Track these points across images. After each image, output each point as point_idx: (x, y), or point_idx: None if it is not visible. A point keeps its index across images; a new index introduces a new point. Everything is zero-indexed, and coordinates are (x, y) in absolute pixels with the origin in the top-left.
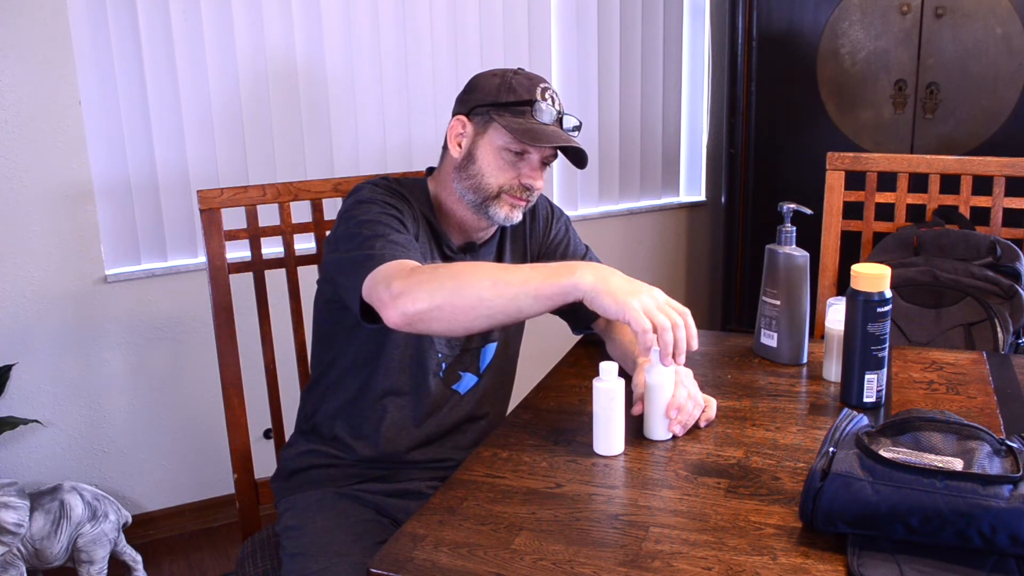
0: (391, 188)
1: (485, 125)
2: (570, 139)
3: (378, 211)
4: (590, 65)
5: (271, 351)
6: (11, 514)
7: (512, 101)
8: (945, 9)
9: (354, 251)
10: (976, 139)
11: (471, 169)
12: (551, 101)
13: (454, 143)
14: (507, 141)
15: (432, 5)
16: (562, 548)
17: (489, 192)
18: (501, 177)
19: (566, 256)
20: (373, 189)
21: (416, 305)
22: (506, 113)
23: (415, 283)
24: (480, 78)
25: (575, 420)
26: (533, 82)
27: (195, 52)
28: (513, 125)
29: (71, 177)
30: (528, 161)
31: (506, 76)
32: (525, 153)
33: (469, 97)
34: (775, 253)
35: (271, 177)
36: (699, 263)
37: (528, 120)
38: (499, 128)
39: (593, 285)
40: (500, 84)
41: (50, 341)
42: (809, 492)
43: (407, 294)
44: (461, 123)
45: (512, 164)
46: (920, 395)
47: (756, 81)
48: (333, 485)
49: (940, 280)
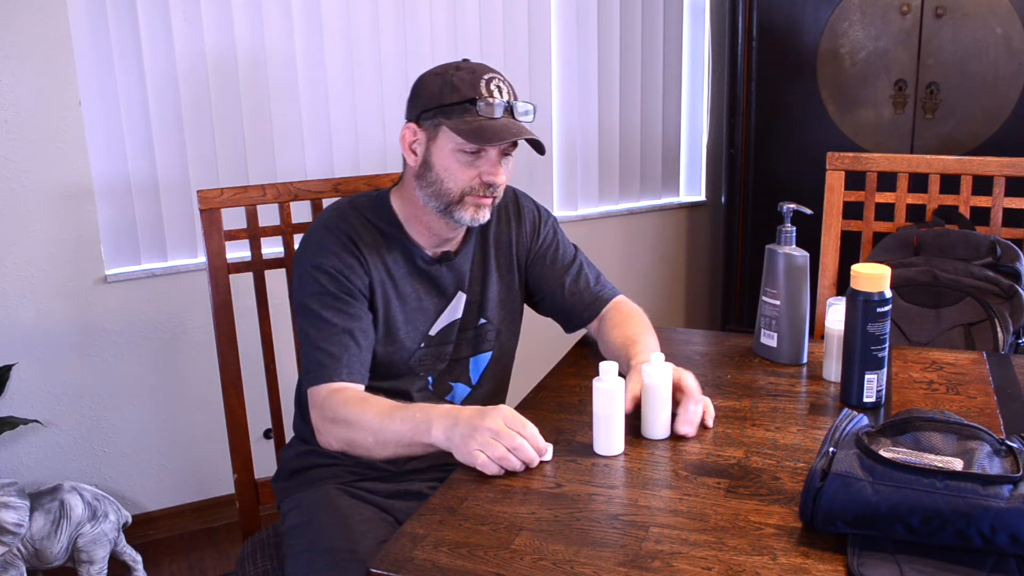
0: (343, 236)
1: (435, 130)
2: (521, 131)
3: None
4: (590, 65)
5: (271, 351)
6: (11, 514)
7: (456, 101)
8: (945, 9)
9: (301, 345)
10: (976, 139)
11: (429, 176)
12: (498, 92)
13: (408, 151)
14: (459, 143)
15: (432, 5)
16: (562, 548)
17: (451, 197)
18: (461, 180)
19: (555, 260)
20: (323, 246)
21: (329, 447)
22: (453, 115)
23: (326, 425)
24: (423, 80)
25: (575, 420)
26: (476, 75)
27: (195, 52)
28: (461, 126)
29: (71, 177)
30: (486, 158)
31: (447, 74)
32: (481, 151)
33: (415, 102)
34: (775, 253)
35: (271, 177)
36: (699, 263)
37: (475, 118)
38: (448, 132)
39: (444, 441)
40: (443, 84)
41: (50, 341)
42: (809, 492)
43: (321, 433)
44: (411, 130)
45: (470, 164)
46: (920, 395)
47: (756, 81)
48: (335, 483)
49: (940, 280)
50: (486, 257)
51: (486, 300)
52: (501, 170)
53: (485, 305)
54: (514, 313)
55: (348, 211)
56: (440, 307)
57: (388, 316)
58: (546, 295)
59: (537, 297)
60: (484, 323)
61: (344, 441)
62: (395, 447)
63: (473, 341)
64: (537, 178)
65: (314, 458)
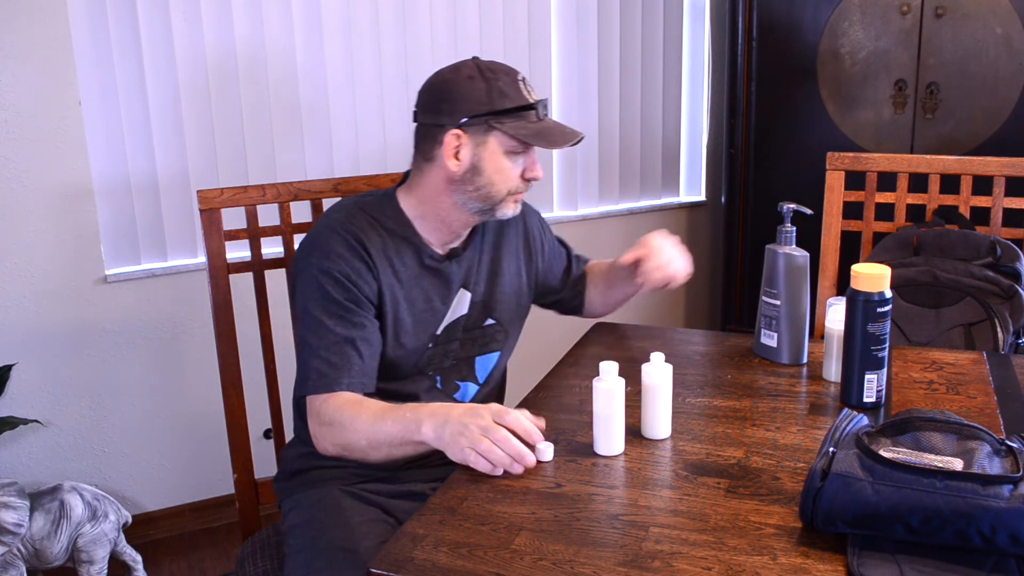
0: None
1: (485, 134)
2: (575, 132)
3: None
4: (590, 65)
5: (271, 351)
6: (11, 514)
7: (509, 107)
8: (945, 9)
9: (298, 351)
10: (976, 139)
11: (478, 180)
12: (532, 92)
13: (450, 157)
14: (513, 146)
15: (432, 5)
16: (562, 548)
17: (498, 197)
18: (511, 181)
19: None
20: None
21: (327, 453)
22: (507, 119)
23: (322, 432)
24: (456, 84)
25: (575, 420)
26: (512, 78)
27: (195, 52)
28: (522, 132)
29: (71, 177)
30: (528, 157)
31: (487, 78)
32: (526, 151)
33: (453, 107)
34: (775, 253)
35: (271, 177)
36: (699, 263)
37: (533, 122)
38: (503, 136)
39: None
40: (488, 89)
41: (50, 341)
42: (809, 492)
43: (318, 440)
44: (456, 136)
45: (516, 164)
46: (920, 395)
47: (756, 81)
48: (337, 483)
49: (940, 280)
50: (497, 256)
51: (494, 300)
52: (539, 166)
53: (493, 306)
54: (522, 313)
55: (355, 212)
56: (447, 305)
57: (396, 319)
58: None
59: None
60: (491, 323)
61: (340, 445)
62: (388, 448)
63: (480, 341)
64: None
65: (315, 459)
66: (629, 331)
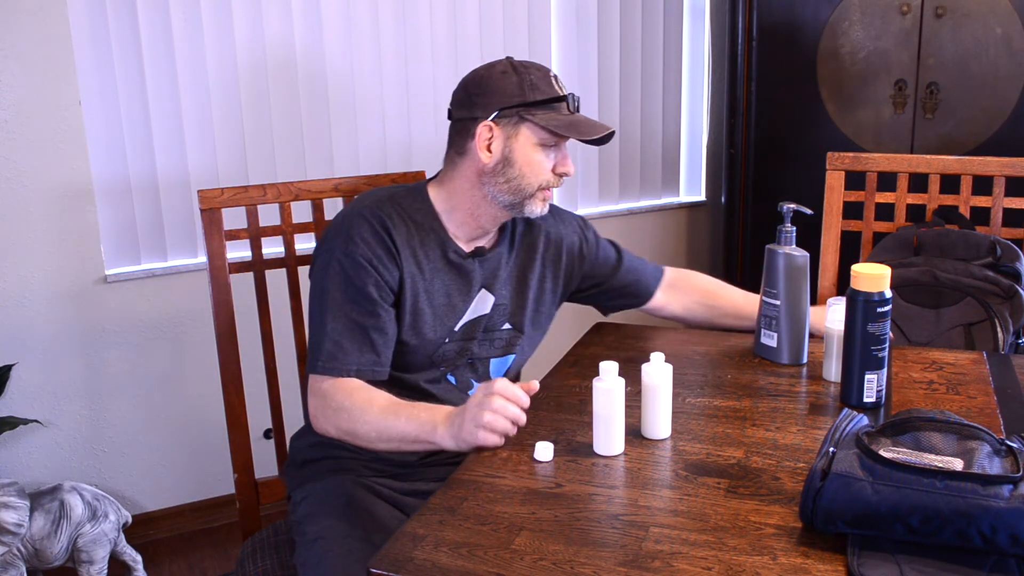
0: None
1: (516, 126)
2: (605, 126)
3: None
4: (590, 65)
5: (271, 351)
6: (11, 514)
7: (541, 99)
8: (945, 9)
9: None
10: (976, 139)
11: (509, 172)
12: (564, 87)
13: (483, 149)
14: (544, 138)
15: (432, 5)
16: (562, 548)
17: (530, 190)
18: (542, 174)
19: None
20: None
21: (325, 434)
22: (538, 111)
23: (324, 414)
24: (490, 78)
25: (575, 420)
26: (544, 73)
27: (195, 52)
28: (553, 123)
29: (71, 177)
30: (560, 151)
31: (520, 73)
32: (556, 145)
33: (487, 99)
34: (775, 253)
35: (271, 177)
36: (699, 263)
37: (564, 114)
38: (534, 127)
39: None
40: (520, 82)
41: (50, 341)
42: (809, 492)
43: (317, 421)
44: (488, 128)
45: (547, 158)
46: (920, 395)
47: (756, 81)
48: (350, 475)
49: (940, 280)
50: (525, 262)
51: (519, 308)
52: (570, 161)
53: (515, 311)
54: (543, 322)
55: (384, 200)
56: (467, 302)
57: (415, 309)
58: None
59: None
60: (509, 328)
61: (344, 431)
62: (399, 443)
63: (498, 344)
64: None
65: (329, 449)
66: (629, 331)
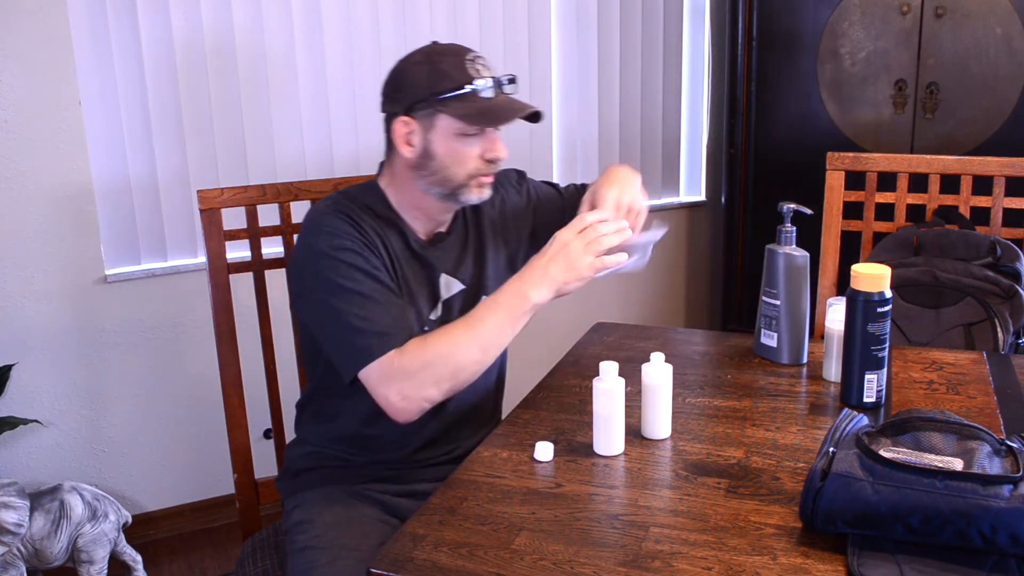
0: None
1: (431, 119)
2: (524, 106)
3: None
4: (590, 65)
5: (271, 351)
6: (11, 514)
7: (451, 88)
8: (945, 9)
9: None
10: (976, 139)
11: (432, 165)
12: (484, 70)
13: (404, 144)
14: (460, 127)
15: (432, 5)
16: (562, 548)
17: (458, 181)
18: (467, 164)
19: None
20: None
21: (429, 402)
22: (449, 101)
23: (415, 384)
24: (404, 71)
25: (575, 420)
26: (460, 58)
27: (195, 52)
28: (463, 112)
29: (71, 177)
30: (486, 137)
31: (431, 61)
32: (481, 131)
33: (400, 94)
34: (775, 253)
35: (271, 177)
36: (699, 263)
37: (475, 101)
38: (448, 118)
39: (551, 294)
40: (430, 73)
41: (50, 341)
42: (809, 492)
43: (412, 398)
44: (404, 123)
45: (471, 146)
46: (920, 395)
47: (756, 81)
48: (342, 484)
49: (940, 280)
50: (481, 236)
51: (486, 278)
52: (501, 145)
53: (486, 283)
54: None
55: (342, 198)
56: (435, 292)
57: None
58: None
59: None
60: None
61: (445, 378)
62: (499, 338)
63: None
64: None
65: (320, 459)
66: (629, 331)
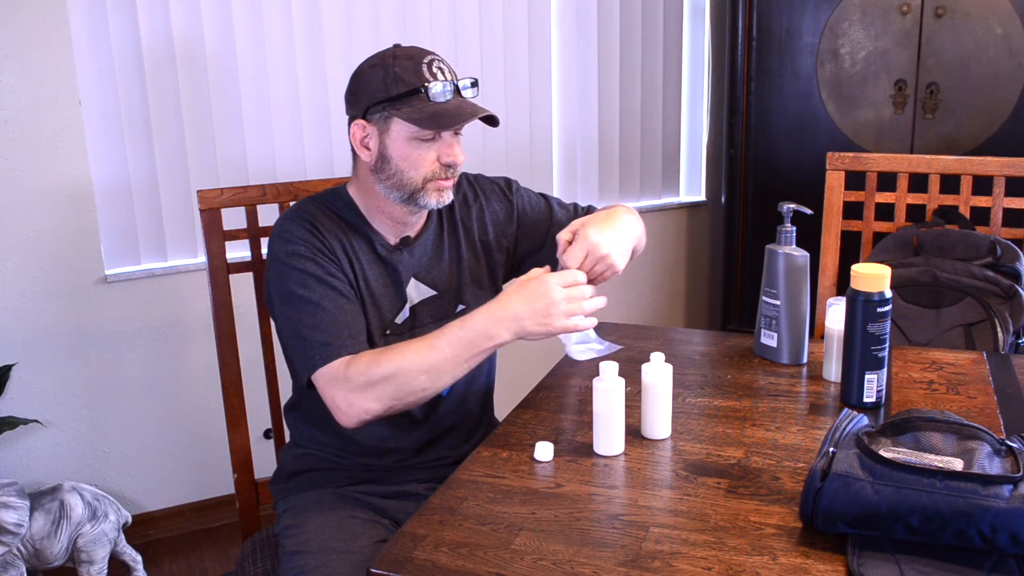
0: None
1: (386, 122)
2: (475, 110)
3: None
4: (590, 65)
5: (271, 351)
6: (11, 514)
7: (403, 91)
8: (945, 9)
9: (291, 337)
10: (976, 139)
11: (388, 169)
12: (441, 74)
13: (361, 147)
14: (414, 131)
15: (432, 6)
16: (562, 548)
17: (414, 185)
18: (422, 167)
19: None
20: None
21: (369, 414)
22: (402, 105)
23: (358, 394)
24: (361, 75)
25: (575, 420)
26: (416, 61)
27: (195, 52)
28: (414, 115)
29: (71, 177)
30: (442, 141)
31: (386, 65)
32: (436, 135)
33: (358, 98)
34: (775, 253)
35: (271, 177)
36: (699, 263)
37: (426, 104)
38: (400, 122)
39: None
40: (384, 76)
41: (50, 341)
42: (809, 492)
43: (355, 405)
44: (360, 127)
45: (427, 150)
46: (920, 395)
47: (756, 81)
48: (331, 486)
49: (940, 280)
50: (456, 243)
51: (463, 286)
52: (458, 150)
53: (462, 291)
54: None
55: (307, 204)
56: (400, 294)
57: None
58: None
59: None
60: (464, 308)
61: (388, 396)
62: (453, 369)
63: None
64: (537, 178)
65: (310, 461)
66: (629, 331)
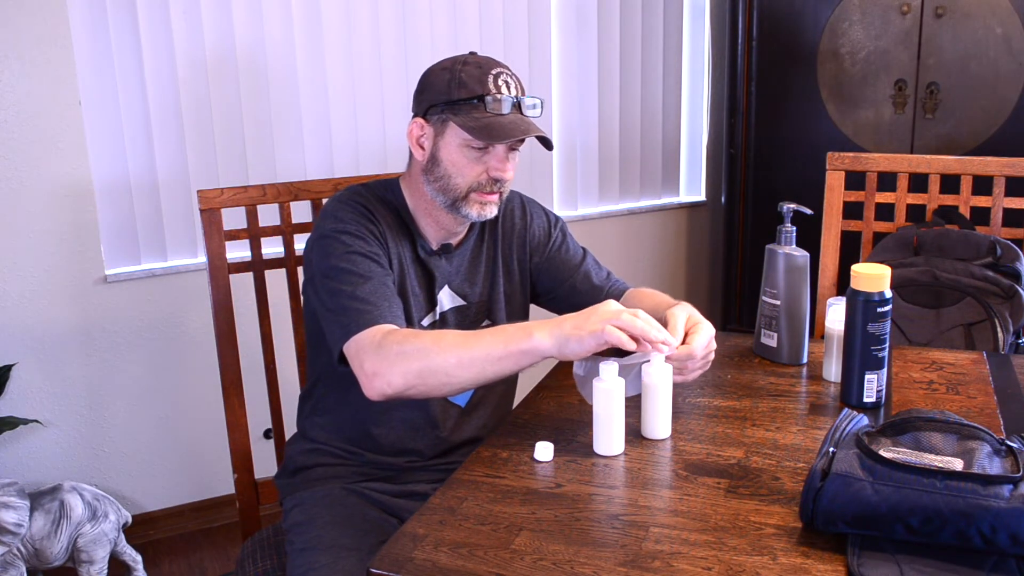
0: (360, 207)
1: (443, 125)
2: (529, 128)
3: (347, 252)
4: (590, 65)
5: (271, 351)
6: (11, 514)
7: (464, 97)
8: (945, 9)
9: (330, 308)
10: (976, 139)
11: (437, 171)
12: (506, 88)
13: (416, 146)
14: (466, 138)
15: (432, 5)
16: (562, 548)
17: (458, 192)
18: (469, 176)
19: (566, 259)
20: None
21: (391, 387)
22: (460, 111)
23: (387, 363)
24: (431, 74)
25: (575, 420)
26: (484, 70)
27: (195, 52)
28: (469, 123)
29: (71, 177)
30: (493, 154)
31: (455, 69)
32: (489, 147)
33: (422, 96)
34: (775, 253)
35: (271, 177)
36: (699, 263)
37: (484, 114)
38: (455, 127)
39: (553, 342)
40: (450, 80)
41: (50, 341)
42: (809, 492)
43: (380, 375)
44: (419, 125)
45: (477, 160)
46: (920, 395)
47: (756, 81)
48: (340, 482)
49: (940, 280)
50: (493, 258)
51: (494, 302)
52: (508, 166)
53: (493, 308)
54: (522, 315)
55: (360, 189)
56: (432, 300)
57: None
58: (559, 292)
59: (550, 295)
60: (488, 324)
61: (415, 372)
62: (483, 363)
63: None
64: (537, 178)
65: (319, 456)
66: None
